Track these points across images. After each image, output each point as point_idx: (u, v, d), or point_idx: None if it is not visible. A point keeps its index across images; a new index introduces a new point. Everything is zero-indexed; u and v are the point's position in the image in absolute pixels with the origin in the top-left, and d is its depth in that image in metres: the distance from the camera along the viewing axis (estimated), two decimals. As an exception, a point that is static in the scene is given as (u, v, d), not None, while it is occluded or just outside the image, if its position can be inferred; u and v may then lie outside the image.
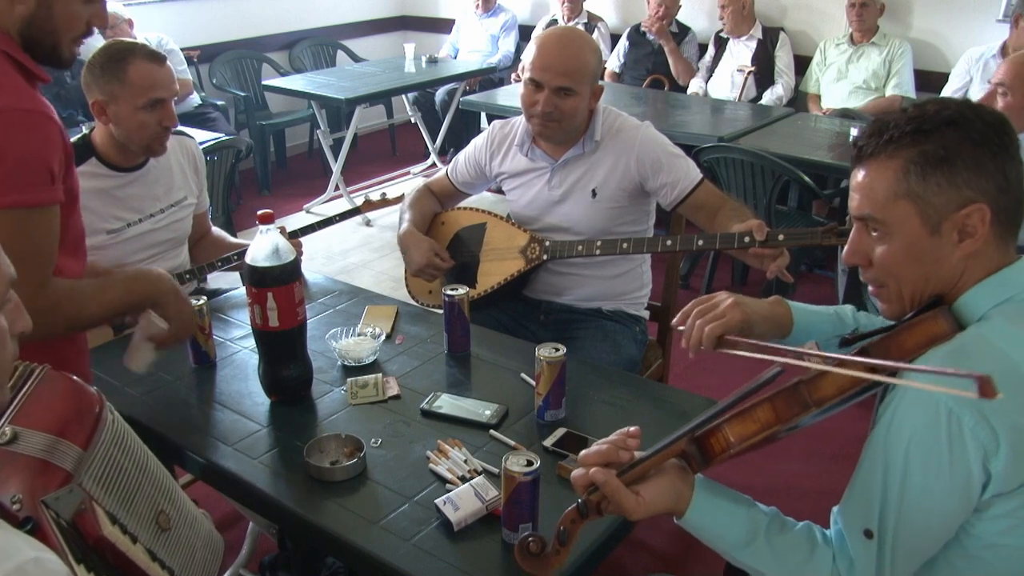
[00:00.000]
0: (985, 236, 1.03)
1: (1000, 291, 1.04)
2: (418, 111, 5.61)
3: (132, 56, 1.99)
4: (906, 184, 1.03)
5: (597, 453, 1.09)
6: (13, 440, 1.02)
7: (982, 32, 4.30)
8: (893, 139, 1.04)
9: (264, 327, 1.60)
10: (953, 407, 0.96)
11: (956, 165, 1.02)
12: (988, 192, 1.02)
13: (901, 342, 1.03)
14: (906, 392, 0.99)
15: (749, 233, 1.78)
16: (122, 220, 2.10)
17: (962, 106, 1.04)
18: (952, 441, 0.96)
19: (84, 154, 2.05)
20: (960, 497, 0.99)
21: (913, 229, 1.05)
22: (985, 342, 1.00)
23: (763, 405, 1.03)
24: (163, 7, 5.18)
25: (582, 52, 2.00)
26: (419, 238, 2.16)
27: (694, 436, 1.07)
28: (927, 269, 1.07)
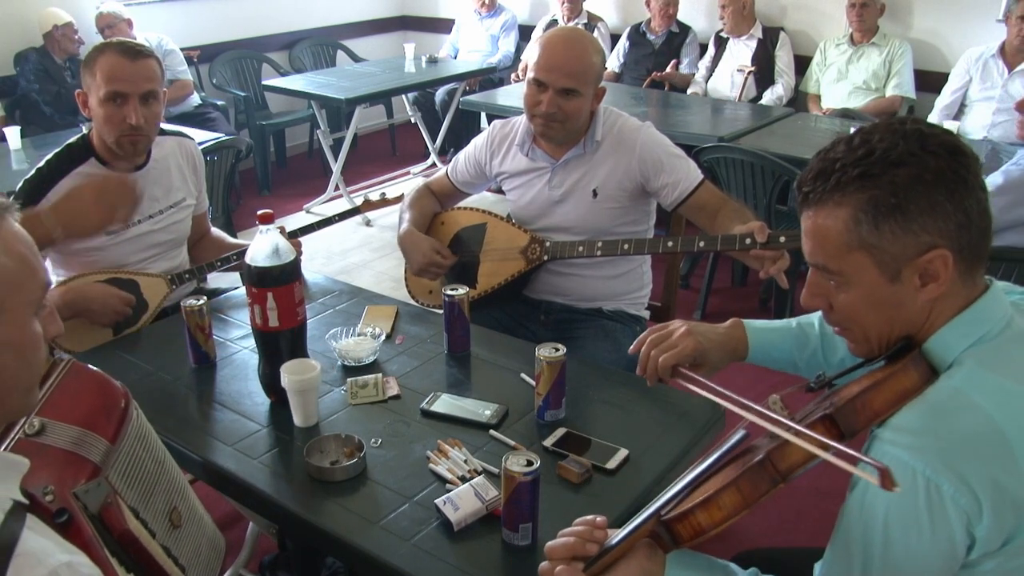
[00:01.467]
0: (949, 278, 0.98)
1: (971, 330, 1.00)
2: (418, 111, 5.61)
3: (107, 49, 1.98)
4: (857, 235, 0.98)
5: (563, 546, 1.04)
6: (41, 432, 1.03)
7: (982, 32, 4.30)
8: (840, 184, 0.98)
9: (264, 327, 1.60)
10: (931, 475, 0.90)
11: (909, 211, 0.95)
12: (948, 233, 0.96)
13: (870, 402, 0.97)
14: (883, 457, 0.92)
15: (750, 235, 1.77)
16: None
17: (911, 140, 0.96)
18: (932, 510, 0.91)
19: (83, 154, 2.05)
20: (945, 559, 0.95)
21: (871, 279, 1.00)
22: (961, 397, 0.95)
23: (728, 490, 0.98)
24: (163, 7, 5.18)
25: (587, 53, 2.00)
26: (419, 237, 2.16)
27: (661, 518, 1.03)
28: (890, 314, 1.02)
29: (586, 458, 1.44)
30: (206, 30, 5.40)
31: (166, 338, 1.92)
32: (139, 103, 1.97)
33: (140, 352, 1.88)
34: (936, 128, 0.99)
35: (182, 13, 5.29)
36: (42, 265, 0.92)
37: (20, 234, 0.89)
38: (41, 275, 0.91)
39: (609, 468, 1.43)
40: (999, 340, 1.00)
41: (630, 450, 1.47)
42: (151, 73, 2.00)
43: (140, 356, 1.85)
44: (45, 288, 0.92)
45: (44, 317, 0.93)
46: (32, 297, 0.89)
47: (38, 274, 0.90)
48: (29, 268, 0.88)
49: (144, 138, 2.04)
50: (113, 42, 2.01)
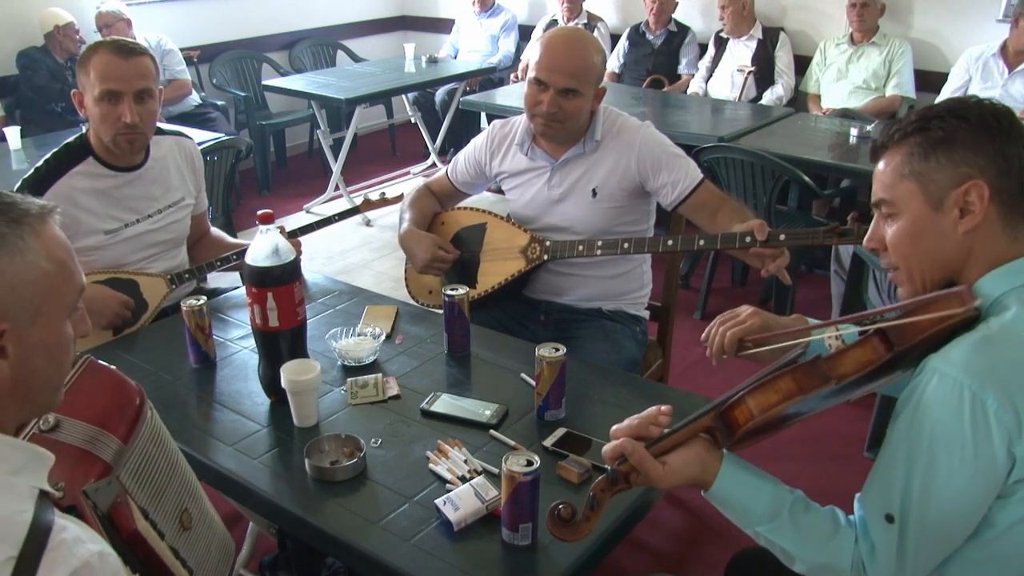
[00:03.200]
0: (984, 213, 1.07)
1: (1014, 277, 1.07)
2: (418, 111, 5.61)
3: (100, 47, 1.97)
4: (910, 165, 1.11)
5: (628, 427, 1.15)
6: (55, 428, 1.04)
7: (982, 32, 4.30)
8: (902, 131, 1.13)
9: (264, 327, 1.60)
10: (977, 390, 0.97)
11: (955, 145, 1.08)
12: (986, 170, 1.07)
13: (917, 322, 1.04)
14: (932, 377, 1.01)
15: (750, 233, 1.78)
16: (119, 220, 2.10)
17: (968, 100, 1.12)
18: (976, 426, 0.98)
19: (81, 154, 2.05)
20: (985, 483, 1.00)
21: (918, 206, 1.11)
22: (1009, 332, 1.02)
23: (784, 376, 1.05)
24: (163, 7, 5.18)
25: (588, 54, 2.00)
26: (420, 235, 2.16)
27: (719, 412, 1.10)
28: (933, 245, 1.12)
29: (586, 458, 1.44)
30: (206, 30, 5.40)
31: (166, 338, 1.92)
32: (133, 101, 1.97)
33: (140, 352, 1.88)
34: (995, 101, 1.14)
35: (182, 13, 5.29)
36: (79, 269, 0.94)
37: (60, 239, 0.91)
38: (78, 279, 0.93)
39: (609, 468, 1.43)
40: None
41: (630, 450, 1.47)
42: (145, 71, 1.99)
43: (140, 356, 1.85)
44: (80, 292, 0.94)
45: (76, 319, 0.95)
46: (68, 301, 0.92)
47: (75, 278, 0.93)
48: (67, 272, 0.91)
49: (140, 136, 2.03)
50: (107, 40, 2.00)
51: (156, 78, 2.04)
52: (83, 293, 0.95)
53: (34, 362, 0.89)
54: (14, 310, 0.86)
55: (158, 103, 2.06)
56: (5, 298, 0.85)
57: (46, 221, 0.90)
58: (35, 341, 0.88)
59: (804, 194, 3.74)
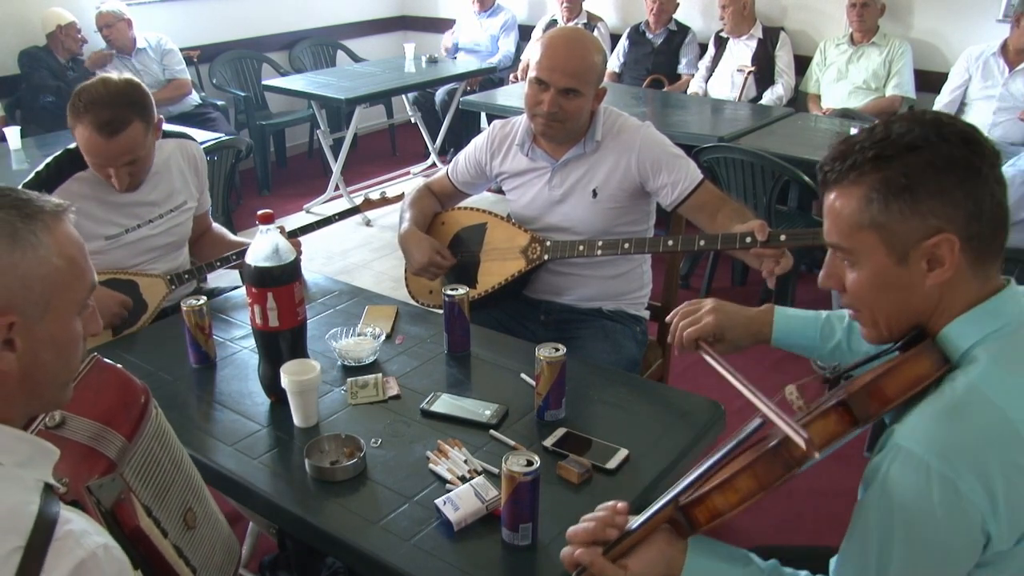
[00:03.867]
0: (956, 265, 0.98)
1: (985, 323, 1.00)
2: (418, 111, 5.61)
3: (84, 119, 1.88)
4: (869, 213, 0.99)
5: (584, 531, 1.07)
6: (61, 424, 1.06)
7: (982, 32, 4.30)
8: (855, 165, 1.00)
9: (264, 327, 1.60)
10: (945, 471, 0.91)
11: (919, 193, 0.97)
12: (956, 220, 0.97)
13: (882, 388, 0.99)
14: (897, 455, 0.94)
15: (751, 233, 1.78)
16: (120, 226, 2.10)
17: (928, 127, 0.98)
18: (948, 507, 0.92)
19: (82, 161, 2.04)
20: (961, 560, 0.96)
21: (879, 259, 1.01)
22: (976, 395, 0.95)
23: (744, 474, 1.00)
24: (163, 7, 5.18)
25: (589, 53, 2.00)
26: (420, 237, 2.16)
27: (679, 504, 1.05)
28: (898, 297, 1.03)
29: (586, 458, 1.44)
30: (206, 30, 5.39)
31: (166, 338, 1.92)
32: (122, 169, 1.96)
33: (140, 352, 1.88)
34: (957, 120, 1.01)
35: (182, 13, 5.28)
36: (90, 267, 0.96)
37: (73, 236, 0.93)
38: (89, 277, 0.95)
39: (609, 468, 1.43)
40: (1015, 337, 1.00)
41: (630, 450, 1.47)
42: (131, 144, 1.93)
43: (140, 356, 1.85)
44: (91, 289, 0.96)
45: (86, 317, 0.96)
46: (78, 297, 0.93)
47: (86, 276, 0.94)
48: (78, 270, 0.93)
49: (136, 181, 2.04)
50: (91, 108, 1.87)
51: (145, 138, 1.96)
52: (94, 291, 0.97)
53: (42, 356, 0.90)
54: (24, 304, 0.87)
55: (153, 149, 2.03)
56: (15, 292, 0.86)
57: (60, 219, 0.92)
58: (44, 336, 0.89)
59: (804, 194, 3.74)
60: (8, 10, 4.53)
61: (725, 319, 1.42)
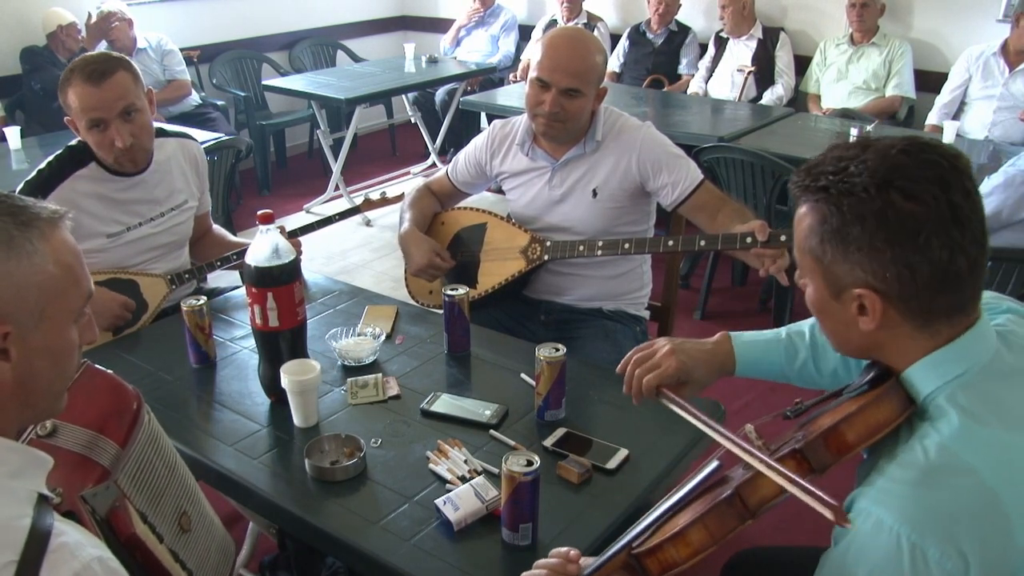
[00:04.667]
0: (884, 319, 0.96)
1: (947, 368, 0.97)
2: (418, 111, 5.61)
3: (72, 77, 1.92)
4: (810, 243, 0.99)
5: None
6: (53, 433, 1.04)
7: (982, 32, 4.30)
8: (808, 189, 0.99)
9: (264, 327, 1.60)
10: (916, 540, 0.88)
11: (848, 243, 0.94)
12: (881, 279, 0.94)
13: (842, 434, 0.96)
14: (866, 521, 0.91)
15: (751, 233, 1.78)
16: (121, 224, 2.10)
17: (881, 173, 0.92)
18: (917, 574, 0.88)
19: (84, 158, 2.04)
20: None
21: (819, 286, 1.01)
22: (951, 458, 0.91)
23: (696, 526, 0.98)
24: (163, 7, 5.18)
25: (590, 53, 2.00)
26: (420, 238, 2.16)
27: (632, 551, 1.03)
28: (836, 328, 1.03)
29: (586, 458, 1.44)
30: (206, 30, 5.39)
31: (166, 338, 1.92)
32: (120, 122, 1.95)
33: (140, 352, 1.88)
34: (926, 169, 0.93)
35: (182, 13, 5.28)
36: (87, 275, 0.94)
37: (69, 244, 0.92)
38: (85, 285, 0.93)
39: (609, 468, 1.43)
40: (983, 381, 0.97)
41: (630, 450, 1.47)
42: (121, 90, 1.93)
43: (140, 356, 1.85)
44: (87, 297, 0.94)
45: (82, 325, 0.95)
46: (73, 306, 0.92)
47: (81, 284, 0.93)
48: (73, 278, 0.91)
49: (140, 151, 2.03)
50: (77, 67, 1.93)
51: (138, 88, 1.98)
52: (91, 299, 0.95)
53: (36, 366, 0.88)
54: (18, 313, 0.85)
55: (149, 110, 2.03)
56: (10, 300, 0.85)
57: (57, 226, 0.90)
58: (38, 345, 0.88)
59: (804, 194, 3.73)
60: (8, 10, 4.53)
61: (687, 358, 1.31)
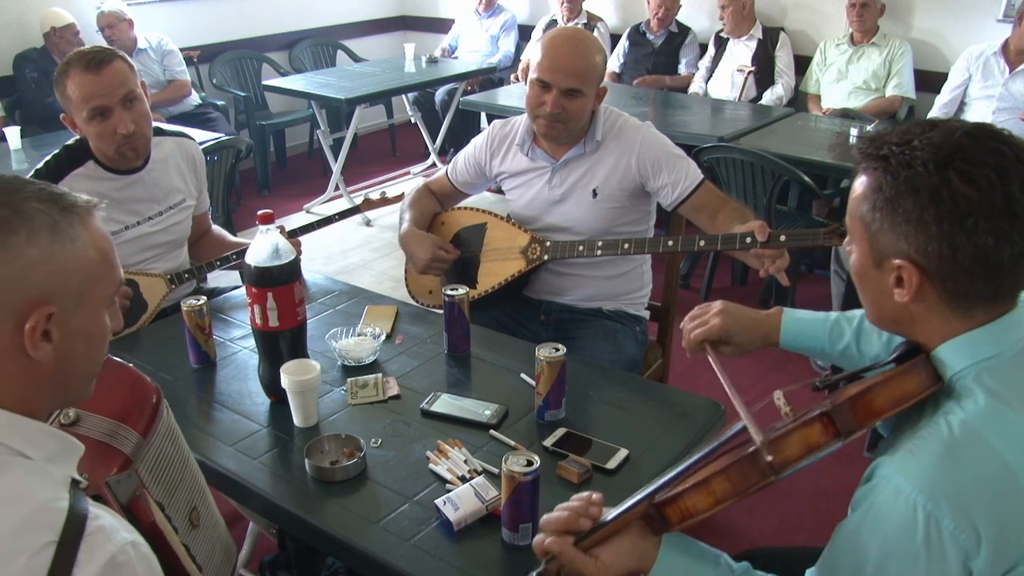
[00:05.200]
0: (919, 294, 0.97)
1: (979, 350, 0.98)
2: (418, 111, 5.61)
3: (70, 69, 1.93)
4: (862, 209, 1.01)
5: (557, 520, 1.07)
6: (76, 422, 1.07)
7: (982, 32, 4.30)
8: (868, 156, 1.00)
9: (264, 327, 1.60)
10: (932, 510, 0.90)
11: (898, 214, 0.96)
12: (924, 254, 0.95)
13: (870, 401, 0.97)
14: (886, 487, 0.94)
15: (751, 234, 1.78)
16: (120, 223, 2.10)
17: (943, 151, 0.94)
18: (930, 545, 0.91)
19: (81, 157, 2.04)
20: None
21: (863, 252, 1.03)
22: (972, 435, 0.93)
23: (719, 477, 1.00)
24: (163, 7, 5.18)
25: (591, 54, 2.00)
26: (421, 235, 2.16)
27: (653, 502, 1.05)
28: (875, 297, 1.05)
29: (586, 458, 1.44)
30: (206, 30, 5.39)
31: (166, 338, 1.92)
32: (122, 109, 1.95)
33: (140, 352, 1.88)
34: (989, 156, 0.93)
35: (182, 13, 5.28)
36: (119, 265, 0.97)
37: (104, 232, 0.95)
38: (118, 272, 0.97)
39: (609, 468, 1.43)
40: (1014, 366, 0.98)
41: (630, 450, 1.47)
42: (121, 77, 1.94)
43: (140, 356, 1.85)
44: (119, 286, 0.98)
45: (112, 311, 0.98)
46: (108, 292, 0.95)
47: (116, 271, 0.96)
48: (110, 265, 0.95)
49: (141, 139, 2.02)
50: (72, 60, 1.94)
51: (135, 78, 2.00)
52: (121, 287, 0.98)
53: (75, 349, 0.91)
54: (61, 295, 0.88)
55: (147, 100, 2.04)
56: (55, 283, 0.88)
57: (92, 214, 0.94)
58: (77, 328, 0.91)
59: (804, 194, 3.74)
60: (8, 10, 4.53)
61: (732, 322, 1.40)
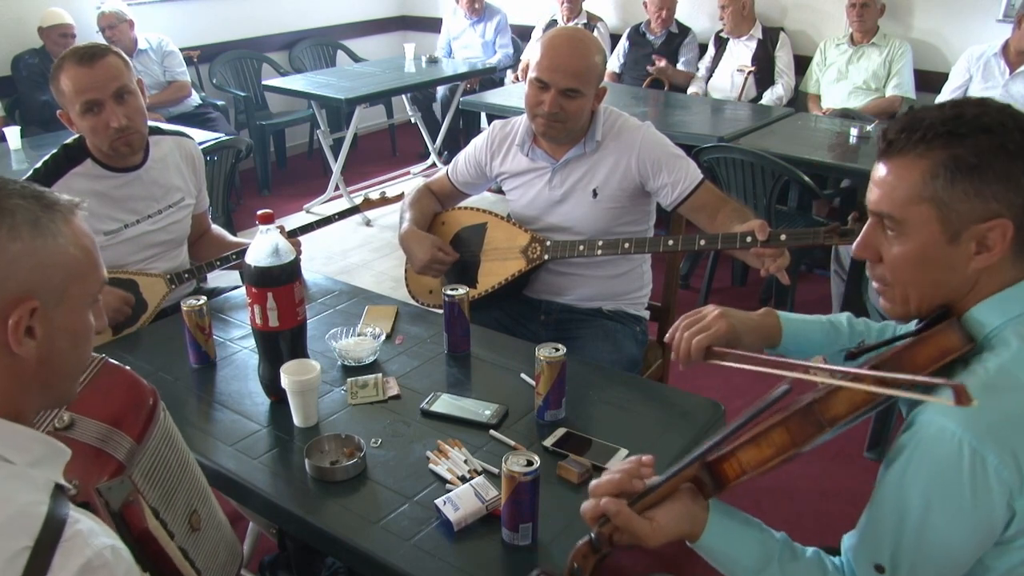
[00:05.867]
0: (1004, 251, 1.00)
1: (1011, 306, 1.01)
2: (418, 111, 5.61)
3: (64, 63, 1.94)
4: (932, 188, 0.99)
5: (608, 483, 1.07)
6: (70, 426, 1.06)
7: (982, 32, 4.30)
8: (926, 138, 1.00)
9: (264, 327, 1.60)
10: (977, 446, 0.92)
11: (987, 175, 0.97)
12: (1015, 207, 0.98)
13: (913, 356, 0.99)
14: (929, 428, 0.96)
15: (751, 233, 1.78)
16: (119, 221, 2.10)
17: (1003, 113, 1.00)
18: (976, 482, 0.93)
19: (79, 155, 2.04)
20: (981, 535, 0.97)
21: (931, 234, 1.01)
22: (1008, 376, 0.96)
23: (777, 429, 1.00)
24: (163, 7, 5.18)
25: (589, 53, 2.00)
26: (421, 235, 2.16)
27: (705, 462, 1.05)
28: (938, 276, 1.04)
29: (586, 458, 1.44)
30: (206, 30, 5.39)
31: (166, 338, 1.92)
32: (115, 104, 1.95)
33: (140, 352, 1.88)
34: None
35: (182, 13, 5.28)
36: (102, 263, 0.97)
37: (86, 230, 0.95)
38: (101, 271, 0.96)
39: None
40: None
41: (630, 450, 1.47)
42: (114, 71, 1.95)
43: (140, 356, 1.85)
44: (103, 283, 0.97)
45: (96, 311, 0.98)
46: (91, 289, 0.95)
47: (99, 269, 0.96)
48: (92, 262, 0.94)
49: (136, 135, 2.02)
50: (67, 55, 1.95)
51: (129, 74, 2.00)
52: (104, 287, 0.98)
53: (58, 346, 0.91)
54: (43, 290, 0.88)
55: (142, 97, 2.04)
56: (37, 278, 0.88)
57: (75, 213, 0.94)
58: (60, 324, 0.91)
59: (804, 194, 3.74)
60: (7, 10, 4.53)
61: (737, 323, 1.35)
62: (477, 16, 5.60)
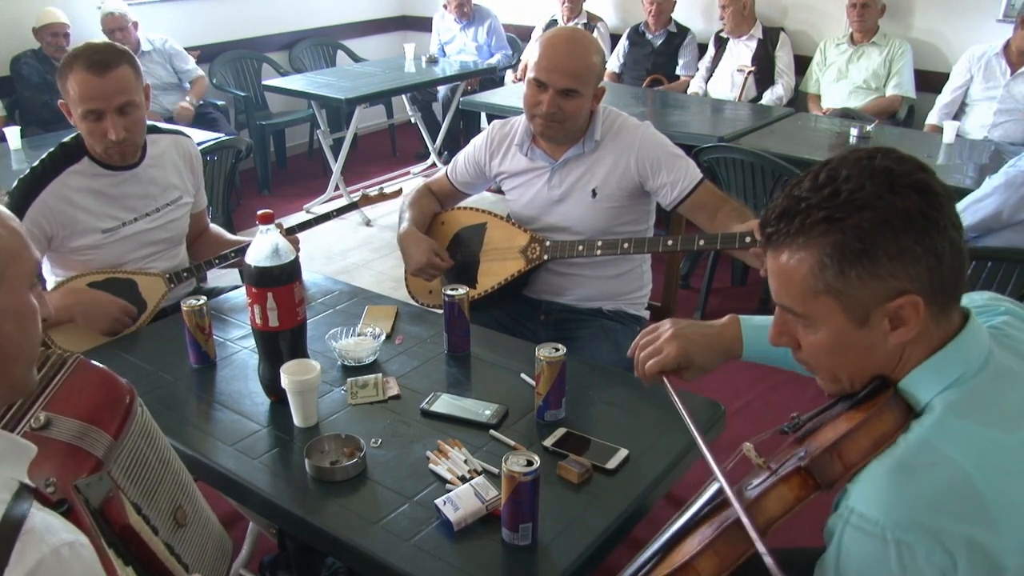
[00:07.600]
0: (919, 322, 0.94)
1: (946, 372, 0.96)
2: (418, 111, 5.61)
3: (75, 64, 1.92)
4: (824, 280, 0.94)
5: None
6: (46, 426, 1.05)
7: (982, 32, 4.30)
8: (804, 226, 0.94)
9: (264, 327, 1.60)
10: (901, 536, 0.87)
11: (877, 256, 0.91)
12: (918, 278, 0.92)
13: (845, 452, 0.93)
14: (850, 518, 0.91)
15: (750, 233, 1.78)
16: (116, 219, 2.10)
17: (878, 180, 0.91)
18: (906, 570, 0.88)
19: (77, 153, 2.05)
20: None
21: (839, 322, 0.96)
22: (930, 451, 0.91)
23: (706, 554, 0.95)
24: (163, 7, 5.18)
25: (588, 53, 2.00)
26: (419, 237, 2.16)
27: None
28: (858, 357, 0.99)
29: (586, 458, 1.44)
30: (206, 30, 5.39)
31: (166, 338, 1.92)
32: (116, 115, 1.95)
33: (140, 352, 1.88)
34: (907, 164, 0.94)
35: (183, 13, 5.28)
36: (32, 244, 0.96)
37: (8, 213, 0.94)
38: (33, 251, 0.95)
39: (609, 468, 1.43)
40: (976, 381, 0.96)
41: (630, 450, 1.47)
42: (123, 84, 1.94)
43: (140, 356, 1.85)
44: (37, 264, 0.96)
45: (37, 293, 0.96)
46: (28, 268, 0.93)
47: (30, 249, 0.95)
48: (22, 241, 0.93)
49: (131, 146, 2.03)
50: (80, 54, 1.93)
51: (138, 85, 1.99)
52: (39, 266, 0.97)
53: (5, 329, 0.90)
54: None
55: (145, 107, 2.03)
56: None
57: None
58: (3, 306, 0.89)
59: (804, 194, 3.73)
60: (7, 10, 4.52)
61: (688, 344, 1.32)
62: (467, 20, 5.58)
